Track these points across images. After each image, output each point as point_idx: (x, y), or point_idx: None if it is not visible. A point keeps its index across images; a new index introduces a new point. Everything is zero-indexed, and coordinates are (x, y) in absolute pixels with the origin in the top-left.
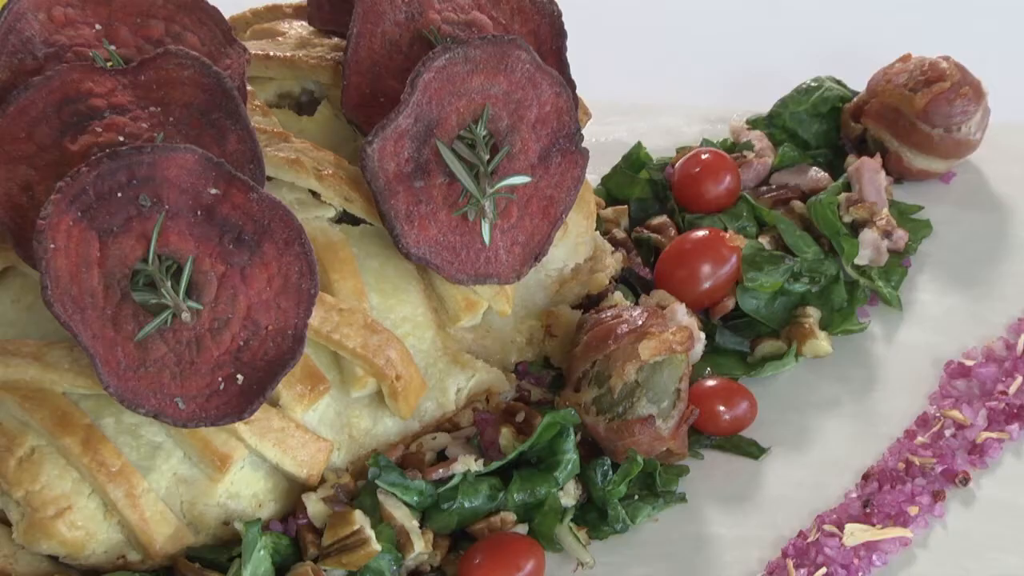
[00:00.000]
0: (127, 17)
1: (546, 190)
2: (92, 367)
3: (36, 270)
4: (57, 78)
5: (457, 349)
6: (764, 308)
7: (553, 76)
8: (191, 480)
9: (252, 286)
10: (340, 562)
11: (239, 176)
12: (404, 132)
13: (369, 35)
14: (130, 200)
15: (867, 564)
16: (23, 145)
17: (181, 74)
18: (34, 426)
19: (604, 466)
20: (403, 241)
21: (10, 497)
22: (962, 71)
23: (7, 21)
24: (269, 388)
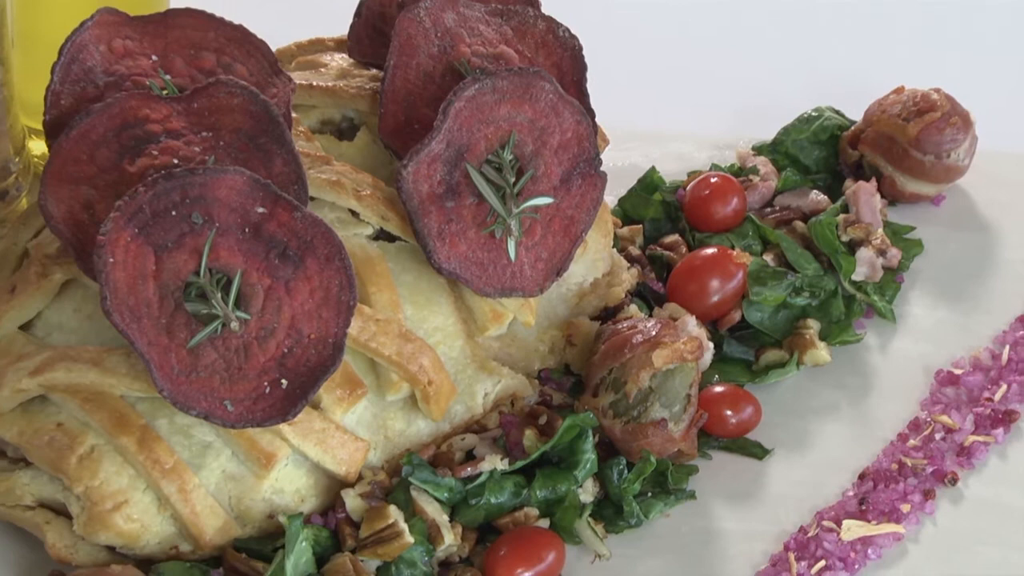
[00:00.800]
0: (181, 49)
1: (567, 210)
2: (147, 372)
3: (96, 282)
4: (116, 105)
5: (484, 357)
6: (768, 320)
7: (574, 105)
8: (239, 477)
9: (296, 298)
10: (376, 553)
11: (284, 196)
12: (437, 156)
13: (404, 67)
14: (183, 218)
15: (863, 557)
16: (85, 167)
17: (231, 102)
18: (94, 426)
19: (620, 465)
20: (435, 257)
21: (71, 492)
22: (952, 102)
23: (70, 51)
24: (311, 392)
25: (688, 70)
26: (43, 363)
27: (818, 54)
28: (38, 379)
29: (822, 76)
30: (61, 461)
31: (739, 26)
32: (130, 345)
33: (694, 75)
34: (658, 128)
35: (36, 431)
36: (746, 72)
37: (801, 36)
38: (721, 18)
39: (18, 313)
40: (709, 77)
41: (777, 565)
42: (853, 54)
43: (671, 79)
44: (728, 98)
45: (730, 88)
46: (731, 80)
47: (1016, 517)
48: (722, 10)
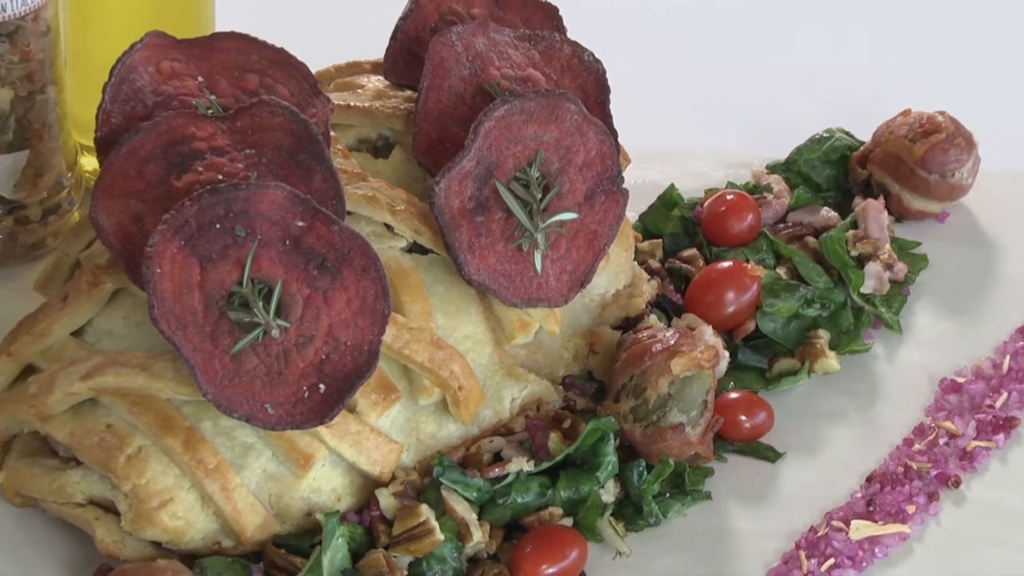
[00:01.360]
0: (226, 70)
1: (591, 225)
2: (192, 376)
3: (144, 291)
4: (164, 123)
5: (512, 363)
6: (781, 330)
7: (598, 126)
8: (278, 476)
9: (333, 307)
10: (408, 549)
11: (323, 210)
12: (467, 173)
13: (437, 88)
14: (227, 231)
15: (870, 556)
16: (134, 182)
17: (273, 121)
18: (141, 428)
19: (640, 467)
20: (465, 269)
21: (119, 490)
22: (956, 124)
23: (120, 73)
24: (347, 396)
25: (706, 93)
26: (93, 368)
27: (829, 78)
28: (89, 383)
29: (833, 99)
30: (110, 461)
31: (755, 52)
32: (176, 351)
33: (712, 98)
34: (677, 147)
35: (87, 432)
36: (761, 95)
37: (813, 61)
38: (738, 45)
39: (70, 320)
40: (726, 100)
41: (789, 562)
42: (862, 78)
43: (690, 101)
44: (744, 120)
45: (746, 110)
46: (747, 103)
47: (1016, 518)
48: (739, 38)
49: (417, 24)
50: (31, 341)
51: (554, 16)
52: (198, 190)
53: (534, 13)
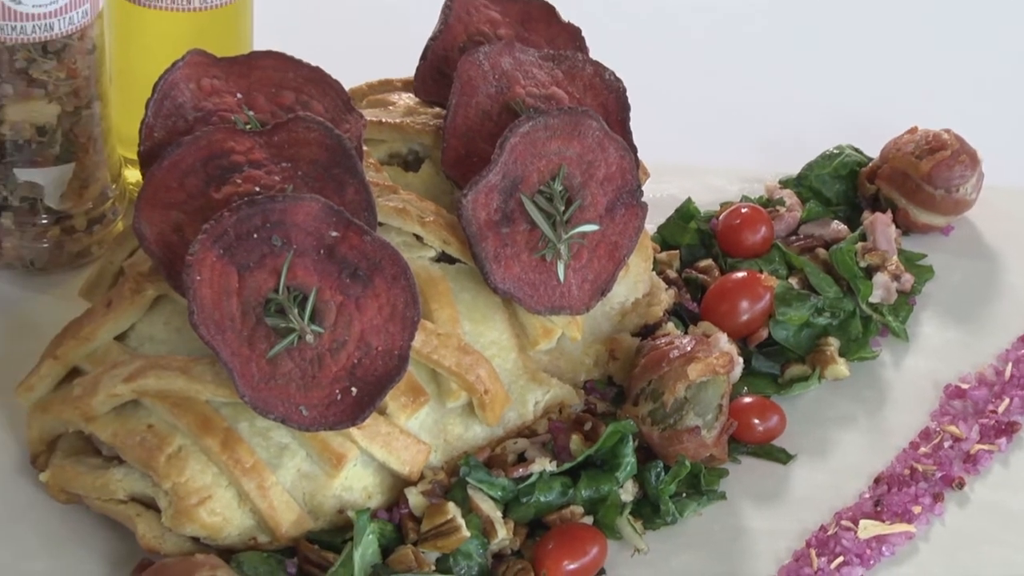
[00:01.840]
0: (263, 87)
1: (611, 237)
2: (230, 379)
3: (185, 298)
4: (204, 138)
5: (535, 368)
6: (792, 338)
7: (618, 142)
8: (312, 475)
9: (365, 313)
10: (436, 546)
11: (355, 221)
12: (494, 187)
13: (465, 106)
14: (264, 240)
15: (877, 554)
16: (175, 193)
17: (308, 136)
18: (181, 428)
19: (657, 468)
20: (491, 278)
21: (160, 488)
22: (961, 141)
23: (163, 89)
24: (378, 399)
25: (722, 111)
26: (136, 371)
27: (839, 97)
28: (131, 385)
29: (843, 117)
30: (151, 459)
31: (769, 72)
32: (215, 355)
33: (727, 116)
34: (694, 163)
35: (129, 432)
36: (774, 113)
37: (824, 81)
38: (753, 66)
39: (114, 325)
40: (741, 118)
41: (799, 560)
42: (871, 97)
43: (706, 119)
44: (758, 136)
45: (760, 128)
46: (761, 121)
47: (1018, 519)
48: (754, 59)
49: (446, 44)
50: (76, 345)
51: (577, 37)
52: (236, 201)
53: (558, 34)
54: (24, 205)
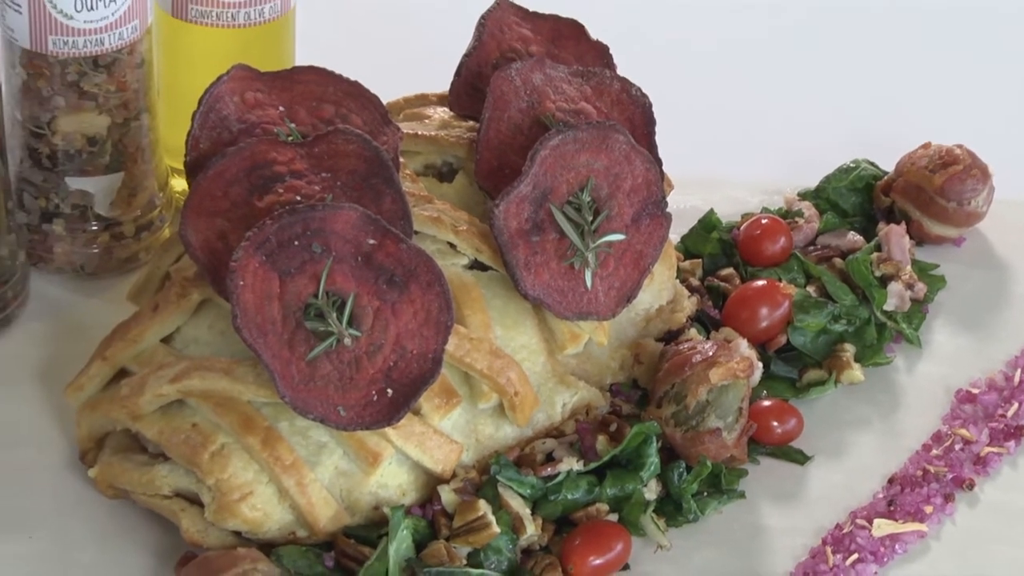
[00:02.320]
0: (305, 101)
1: (637, 246)
2: (271, 381)
3: (228, 302)
4: (248, 149)
5: (563, 372)
6: (810, 343)
7: (644, 155)
8: (349, 473)
9: (401, 318)
10: (467, 541)
11: (392, 230)
12: (524, 197)
13: (497, 120)
14: (304, 247)
15: (891, 552)
16: (219, 202)
17: (347, 147)
18: (224, 427)
19: (680, 468)
20: (522, 285)
21: (204, 484)
22: (972, 156)
23: (208, 102)
24: (413, 400)
25: (743, 126)
26: (181, 371)
27: (856, 113)
28: (176, 385)
29: (859, 132)
30: (195, 456)
31: (788, 89)
32: (257, 357)
33: (749, 130)
34: (716, 175)
35: (174, 430)
36: (793, 128)
37: (841, 97)
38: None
39: (160, 328)
40: (762, 133)
41: (816, 557)
42: (887, 113)
43: (729, 134)
44: (777, 150)
45: (779, 142)
46: (781, 135)
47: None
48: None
49: (480, 60)
50: (124, 347)
51: (605, 54)
52: (278, 210)
53: (587, 51)
54: (75, 212)
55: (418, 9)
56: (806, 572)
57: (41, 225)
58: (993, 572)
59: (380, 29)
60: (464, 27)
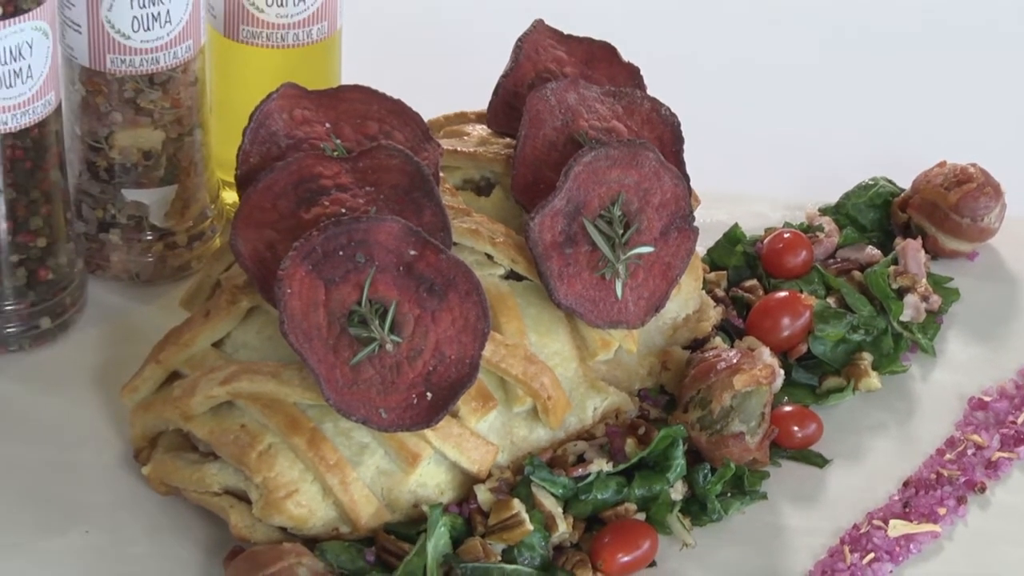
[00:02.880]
0: (350, 118)
1: (665, 258)
2: (317, 384)
3: (276, 309)
4: (295, 163)
5: (594, 377)
6: (829, 352)
7: (673, 171)
8: (389, 472)
9: (440, 325)
10: (502, 538)
11: (432, 241)
12: (558, 211)
13: (533, 137)
14: (349, 257)
15: (905, 551)
16: (268, 214)
17: (390, 162)
18: (271, 428)
19: (705, 470)
20: (555, 294)
21: (251, 481)
22: (985, 175)
23: (258, 118)
24: (451, 404)
25: (767, 145)
26: (231, 374)
27: (875, 133)
28: (226, 388)
29: (878, 151)
30: (244, 456)
31: (810, 110)
32: (303, 361)
33: (772, 149)
34: (741, 191)
35: (224, 430)
36: (815, 147)
37: (860, 118)
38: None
39: (211, 333)
40: (784, 151)
41: (834, 556)
42: (904, 133)
43: (753, 151)
44: (799, 168)
45: (801, 160)
46: (802, 154)
47: None
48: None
49: (516, 81)
50: (177, 351)
51: (636, 75)
52: (324, 222)
53: (618, 72)
54: (131, 223)
55: (458, 31)
56: (825, 570)
57: (98, 234)
58: (1003, 571)
59: (422, 50)
60: (502, 49)
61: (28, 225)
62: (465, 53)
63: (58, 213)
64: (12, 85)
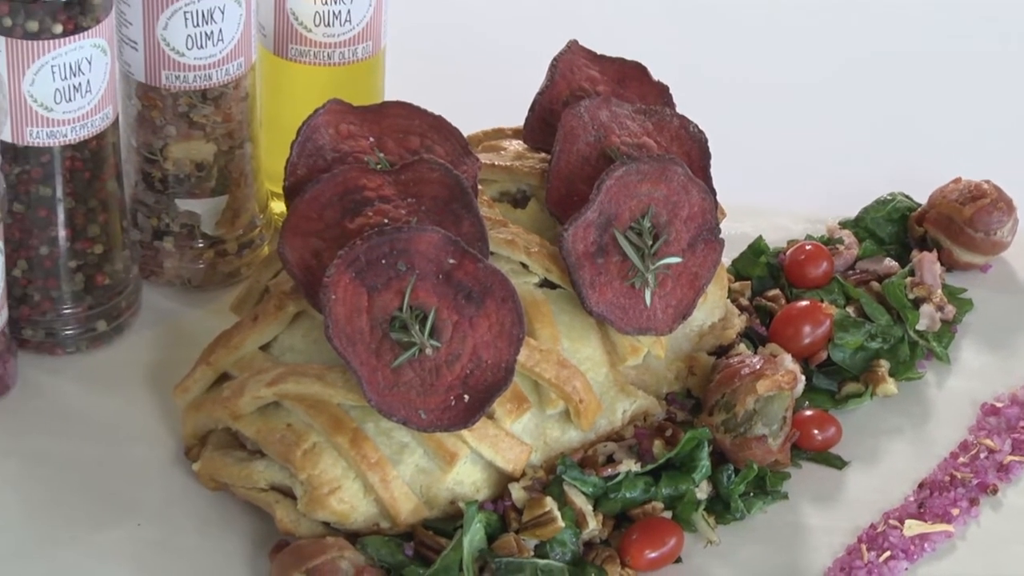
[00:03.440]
0: (393, 133)
1: (692, 268)
2: (359, 386)
3: (321, 314)
4: (341, 175)
5: (624, 381)
6: (848, 359)
7: (700, 185)
8: (428, 470)
9: (477, 331)
10: (535, 534)
11: (470, 251)
12: (591, 223)
13: (567, 152)
14: (391, 266)
15: (920, 550)
16: (314, 223)
17: (431, 175)
18: (316, 427)
19: (728, 471)
20: (587, 302)
21: (296, 478)
22: (999, 191)
23: (305, 132)
24: (487, 405)
25: (790, 161)
26: (277, 376)
27: (893, 150)
28: (273, 389)
29: (895, 167)
30: (289, 454)
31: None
32: (346, 364)
33: (795, 165)
34: (765, 205)
35: (270, 429)
36: (836, 164)
37: (880, 137)
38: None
39: (259, 337)
40: (807, 167)
41: (852, 554)
42: (921, 151)
43: (777, 167)
44: (821, 183)
45: (823, 176)
46: (824, 170)
47: None
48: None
49: (551, 98)
50: (226, 353)
51: (665, 94)
52: (367, 231)
53: (649, 91)
54: (183, 231)
55: (496, 51)
56: (843, 568)
57: (153, 242)
58: (1014, 570)
59: (462, 68)
60: (538, 68)
61: (86, 233)
62: (503, 72)
63: (114, 221)
64: (72, 99)
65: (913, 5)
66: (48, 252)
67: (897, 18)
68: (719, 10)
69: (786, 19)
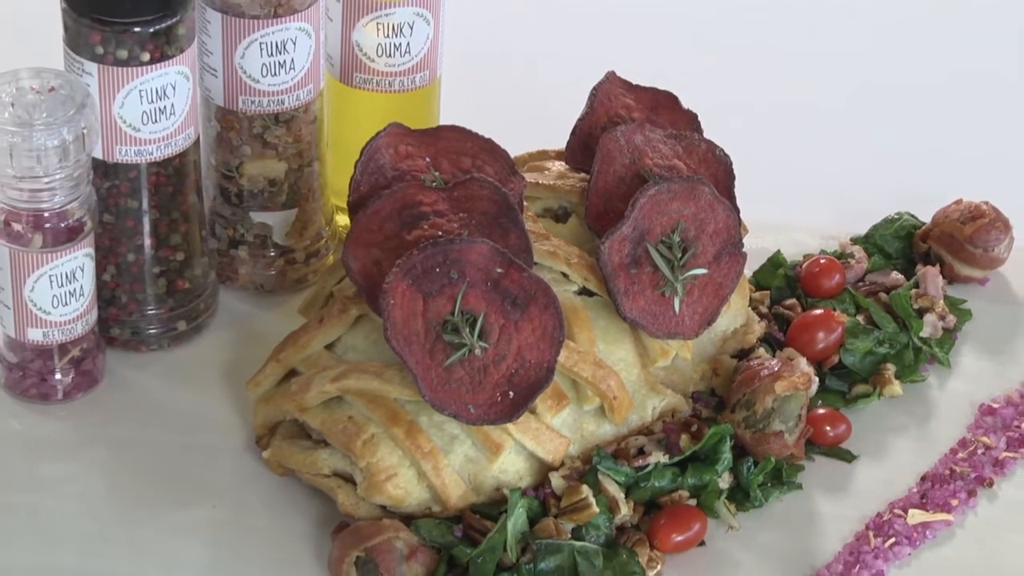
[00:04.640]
0: (447, 154)
1: (717, 279)
2: (414, 383)
3: (380, 317)
4: (399, 192)
5: (654, 381)
6: (858, 363)
7: (725, 204)
8: (476, 460)
9: (522, 334)
10: (572, 518)
11: (516, 261)
12: (625, 237)
13: (605, 172)
14: (444, 274)
15: (922, 537)
16: (375, 235)
17: (481, 192)
18: (374, 420)
19: (748, 463)
20: (622, 309)
21: (356, 466)
22: (996, 211)
23: (368, 152)
24: (530, 401)
25: (806, 182)
26: (340, 373)
27: (900, 173)
28: (336, 384)
29: (902, 189)
30: (350, 443)
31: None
32: (402, 363)
33: (811, 186)
34: (783, 222)
35: (334, 421)
36: (848, 185)
37: (888, 159)
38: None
39: (324, 337)
40: (822, 188)
41: (860, 539)
42: (925, 174)
43: (794, 187)
44: (834, 203)
45: (836, 196)
46: (837, 190)
47: None
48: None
49: (591, 124)
50: (295, 351)
51: (694, 121)
52: (423, 243)
53: (679, 118)
54: (256, 241)
55: (540, 80)
56: (852, 552)
57: (229, 250)
58: (1008, 555)
59: (510, 96)
60: (578, 96)
61: (169, 241)
62: (547, 99)
63: (194, 231)
64: (158, 120)
65: (921, 39)
66: (134, 259)
67: (906, 50)
68: (745, 45)
69: (803, 53)
